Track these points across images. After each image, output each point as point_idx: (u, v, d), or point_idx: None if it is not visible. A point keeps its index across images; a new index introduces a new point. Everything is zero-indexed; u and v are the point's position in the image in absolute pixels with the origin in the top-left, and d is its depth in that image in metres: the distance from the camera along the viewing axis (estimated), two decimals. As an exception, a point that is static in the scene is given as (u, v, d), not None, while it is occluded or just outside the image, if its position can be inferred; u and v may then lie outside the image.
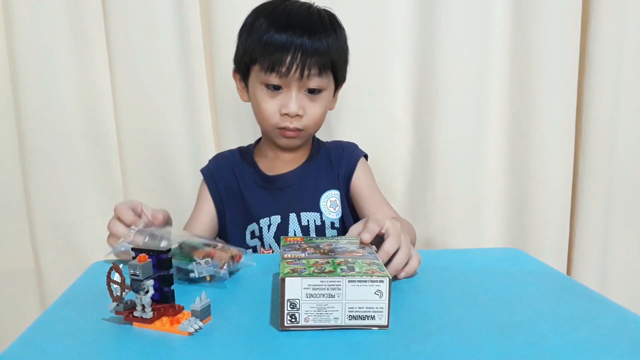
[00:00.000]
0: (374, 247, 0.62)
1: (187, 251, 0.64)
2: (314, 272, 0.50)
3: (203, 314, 0.51)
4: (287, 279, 0.48)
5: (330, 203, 0.96)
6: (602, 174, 1.15)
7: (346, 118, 1.16)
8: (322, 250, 0.58)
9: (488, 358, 0.44)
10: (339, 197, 0.95)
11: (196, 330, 0.49)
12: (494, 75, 1.14)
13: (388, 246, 0.63)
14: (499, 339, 0.48)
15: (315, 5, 0.92)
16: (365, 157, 1.01)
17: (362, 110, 1.16)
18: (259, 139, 1.01)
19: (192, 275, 0.61)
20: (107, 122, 1.15)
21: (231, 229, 0.96)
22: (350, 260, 0.54)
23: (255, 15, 0.90)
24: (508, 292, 0.61)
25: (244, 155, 1.00)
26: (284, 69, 0.84)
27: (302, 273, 0.49)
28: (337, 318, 0.49)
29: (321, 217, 0.93)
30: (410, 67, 1.16)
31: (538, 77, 1.12)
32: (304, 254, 0.57)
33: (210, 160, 1.02)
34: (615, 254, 1.22)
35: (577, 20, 1.11)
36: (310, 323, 0.49)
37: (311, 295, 0.49)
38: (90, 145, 1.15)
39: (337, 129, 1.16)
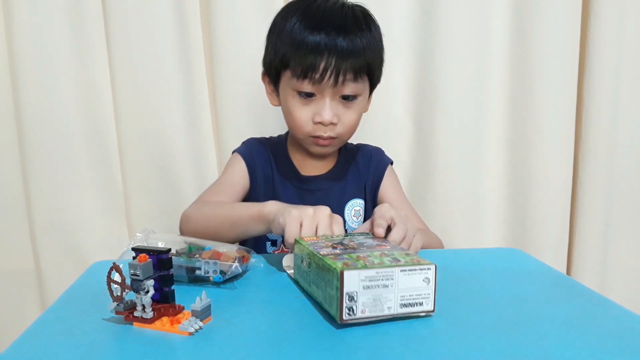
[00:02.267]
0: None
1: (194, 251, 0.64)
2: (365, 264, 0.51)
3: (203, 314, 0.51)
4: (345, 272, 0.49)
5: (355, 212, 0.94)
6: (601, 174, 1.16)
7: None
8: (350, 247, 0.59)
9: (488, 358, 0.44)
10: (363, 206, 0.94)
11: (196, 330, 0.49)
12: (494, 76, 1.15)
13: (395, 235, 0.65)
14: (498, 338, 0.48)
15: (348, 1, 0.86)
16: (391, 163, 1.00)
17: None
18: (287, 134, 0.97)
19: (197, 272, 0.61)
20: (107, 122, 1.15)
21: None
22: (386, 252, 0.56)
23: (286, 13, 0.84)
24: (508, 292, 0.61)
25: (277, 147, 0.95)
26: (317, 76, 0.79)
27: (356, 266, 0.50)
28: (390, 307, 0.50)
29: (345, 227, 0.92)
30: (410, 67, 1.16)
31: (538, 78, 1.12)
32: (337, 250, 0.57)
33: (244, 143, 0.96)
34: (614, 253, 1.22)
35: (577, 21, 1.11)
36: (367, 314, 0.50)
37: (367, 287, 0.50)
38: (90, 145, 1.15)
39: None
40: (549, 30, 1.10)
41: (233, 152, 0.95)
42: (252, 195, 0.92)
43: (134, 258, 0.51)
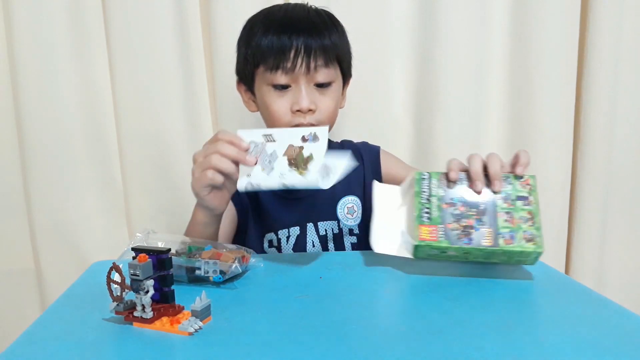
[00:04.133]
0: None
1: (194, 251, 0.64)
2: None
3: (203, 314, 0.51)
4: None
5: (348, 210, 0.94)
6: (600, 174, 1.16)
7: (346, 118, 1.16)
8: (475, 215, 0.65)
9: (488, 358, 0.44)
10: (357, 202, 0.94)
11: (196, 330, 0.49)
12: (493, 76, 1.15)
13: (495, 166, 0.68)
14: (498, 338, 0.48)
15: (310, 5, 0.91)
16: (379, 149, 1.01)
17: (362, 110, 1.16)
18: None
19: (197, 272, 0.61)
20: (107, 122, 1.15)
21: (249, 235, 0.93)
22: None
23: (251, 24, 0.88)
24: (507, 292, 0.61)
25: None
26: (289, 64, 0.81)
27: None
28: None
29: (339, 225, 0.92)
30: (410, 67, 1.16)
31: (537, 78, 1.12)
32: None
33: None
34: (613, 253, 1.23)
35: (576, 21, 1.11)
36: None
37: None
38: (90, 145, 1.15)
39: (337, 129, 1.16)
40: (547, 30, 1.10)
41: None
42: (243, 217, 0.91)
43: (133, 258, 0.51)
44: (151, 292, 0.50)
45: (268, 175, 0.66)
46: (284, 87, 0.84)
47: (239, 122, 1.14)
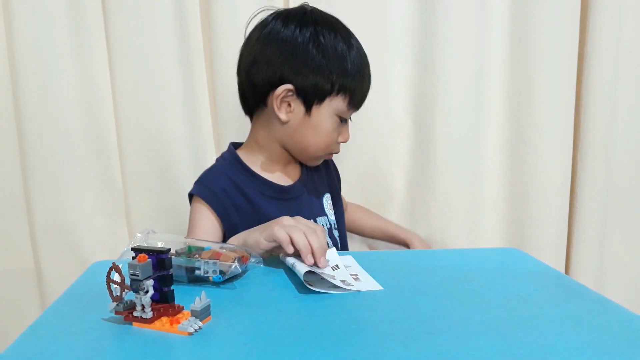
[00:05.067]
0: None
1: (194, 251, 0.64)
2: None
3: (203, 314, 0.51)
4: None
5: (329, 205, 0.98)
6: (600, 173, 1.16)
7: (346, 118, 1.16)
8: None
9: (488, 358, 0.44)
10: (330, 198, 0.99)
11: (196, 330, 0.49)
12: (493, 76, 1.15)
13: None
14: (498, 338, 0.48)
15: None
16: None
17: (362, 111, 1.16)
18: (232, 153, 0.93)
19: (197, 272, 0.61)
20: (107, 122, 1.15)
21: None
22: None
23: (334, 43, 0.85)
24: (507, 291, 0.61)
25: (237, 170, 0.90)
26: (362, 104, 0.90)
27: None
28: None
29: (328, 220, 0.95)
30: (410, 67, 1.16)
31: (537, 78, 1.12)
32: None
33: (202, 183, 0.90)
34: (613, 253, 1.23)
35: (576, 21, 1.11)
36: None
37: None
38: (90, 145, 1.15)
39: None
40: (548, 30, 1.10)
41: (190, 195, 0.90)
42: (231, 229, 0.86)
43: (133, 258, 0.51)
44: (151, 292, 0.50)
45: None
46: (344, 120, 0.90)
47: (239, 122, 1.14)
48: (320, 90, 0.85)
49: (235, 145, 0.96)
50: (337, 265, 0.69)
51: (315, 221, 0.92)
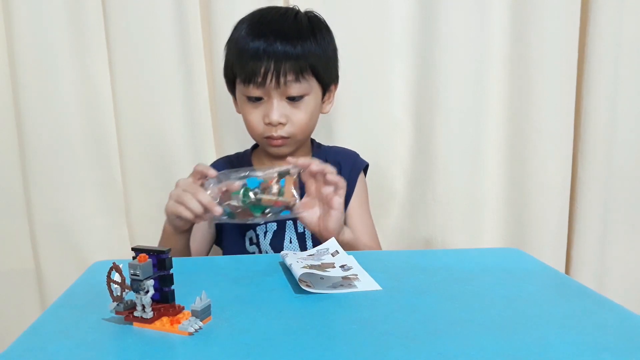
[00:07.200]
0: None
1: (256, 197, 0.72)
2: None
3: (203, 314, 0.51)
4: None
5: None
6: (600, 174, 1.16)
7: (346, 118, 1.16)
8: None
9: (488, 358, 0.44)
10: None
11: (196, 330, 0.49)
12: (493, 76, 1.15)
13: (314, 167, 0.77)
14: (498, 338, 0.48)
15: (296, 9, 0.92)
16: (366, 168, 1.02)
17: (362, 111, 1.16)
18: (256, 145, 1.01)
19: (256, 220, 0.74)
20: (107, 122, 1.15)
21: (230, 235, 0.95)
22: None
23: (239, 25, 0.91)
24: (507, 291, 0.61)
25: (241, 162, 0.99)
26: (259, 79, 0.85)
27: None
28: None
29: None
30: (410, 67, 1.16)
31: (537, 78, 1.12)
32: None
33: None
34: (613, 253, 1.23)
35: (576, 21, 1.11)
36: None
37: None
38: (90, 145, 1.15)
39: (337, 129, 1.16)
40: (548, 31, 1.10)
41: None
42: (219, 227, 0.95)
43: (133, 258, 0.51)
44: (151, 292, 0.50)
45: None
46: (257, 99, 0.88)
47: (239, 122, 1.14)
48: (230, 79, 0.94)
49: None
50: (337, 251, 0.71)
51: (296, 223, 0.92)
